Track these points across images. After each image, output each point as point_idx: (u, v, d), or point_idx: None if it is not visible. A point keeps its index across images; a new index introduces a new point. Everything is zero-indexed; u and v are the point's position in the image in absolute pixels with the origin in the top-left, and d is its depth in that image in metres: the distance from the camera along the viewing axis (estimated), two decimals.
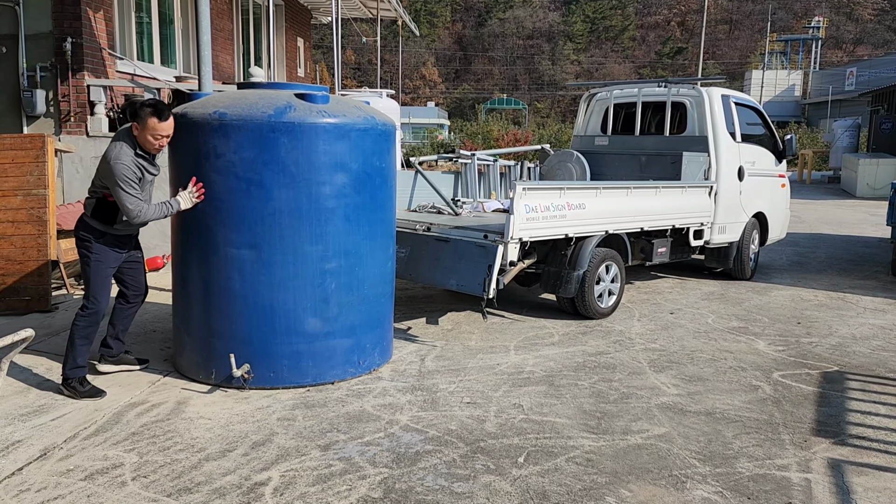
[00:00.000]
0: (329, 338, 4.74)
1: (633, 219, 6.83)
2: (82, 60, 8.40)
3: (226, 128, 4.37)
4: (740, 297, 7.73)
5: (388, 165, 4.96)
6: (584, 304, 6.49)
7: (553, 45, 77.21)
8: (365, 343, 4.95)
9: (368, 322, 4.94)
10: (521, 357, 5.51)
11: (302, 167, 4.43)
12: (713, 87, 8.35)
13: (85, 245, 4.52)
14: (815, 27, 63.71)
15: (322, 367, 4.75)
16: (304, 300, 4.58)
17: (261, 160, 4.38)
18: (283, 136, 4.38)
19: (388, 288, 5.19)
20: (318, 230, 4.54)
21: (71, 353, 4.53)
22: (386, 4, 17.35)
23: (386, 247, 5.09)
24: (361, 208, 4.72)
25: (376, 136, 4.77)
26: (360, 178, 4.68)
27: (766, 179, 8.72)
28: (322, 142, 4.47)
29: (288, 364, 4.65)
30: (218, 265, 4.55)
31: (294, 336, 4.61)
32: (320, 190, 4.51)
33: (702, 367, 5.37)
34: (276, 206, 4.43)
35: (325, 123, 4.47)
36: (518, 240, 5.71)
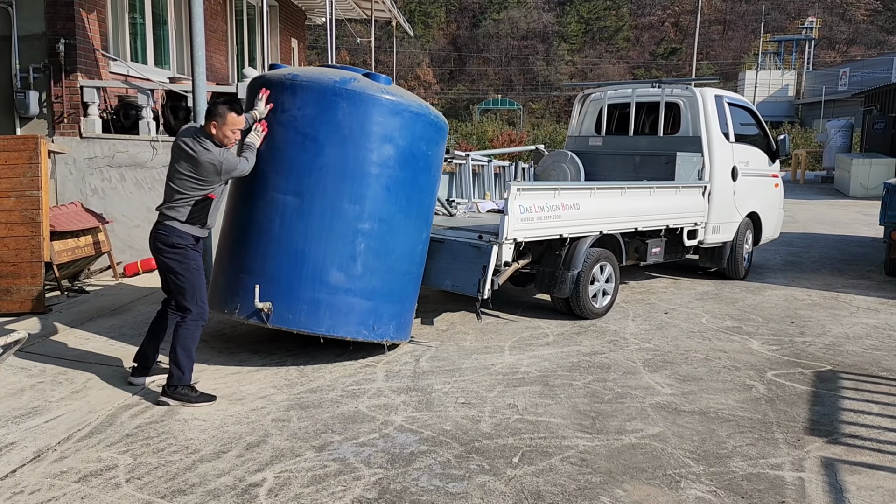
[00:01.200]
0: (349, 294, 4.93)
1: (628, 219, 6.85)
2: (75, 61, 8.38)
3: (295, 87, 4.85)
4: (734, 297, 7.75)
5: (435, 154, 5.26)
6: (579, 305, 6.50)
7: (547, 46, 77.22)
8: (382, 311, 5.09)
9: (390, 293, 5.11)
10: (516, 357, 5.52)
11: (354, 132, 4.81)
12: (706, 87, 8.38)
13: (180, 253, 4.47)
14: (809, 28, 63.89)
15: (337, 321, 4.93)
16: (332, 253, 4.85)
17: (319, 119, 4.80)
18: (343, 101, 4.79)
19: (415, 269, 5.34)
20: (358, 191, 4.86)
21: (188, 362, 4.48)
22: (380, 5, 17.35)
23: (419, 229, 5.27)
24: (402, 183, 5.02)
25: (427, 124, 5.10)
26: (405, 156, 4.99)
27: (759, 179, 8.75)
28: (376, 113, 4.85)
29: (307, 310, 4.86)
30: (264, 208, 4.89)
31: (318, 284, 4.85)
32: (367, 156, 4.86)
33: (696, 366, 5.38)
34: (324, 161, 4.81)
35: (381, 98, 4.87)
36: (513, 240, 5.72)
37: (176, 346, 4.49)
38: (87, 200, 8.40)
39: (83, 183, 8.54)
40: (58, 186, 8.53)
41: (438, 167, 5.42)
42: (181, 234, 4.47)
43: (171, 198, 4.49)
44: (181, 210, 4.46)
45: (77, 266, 7.71)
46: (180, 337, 4.51)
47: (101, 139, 8.57)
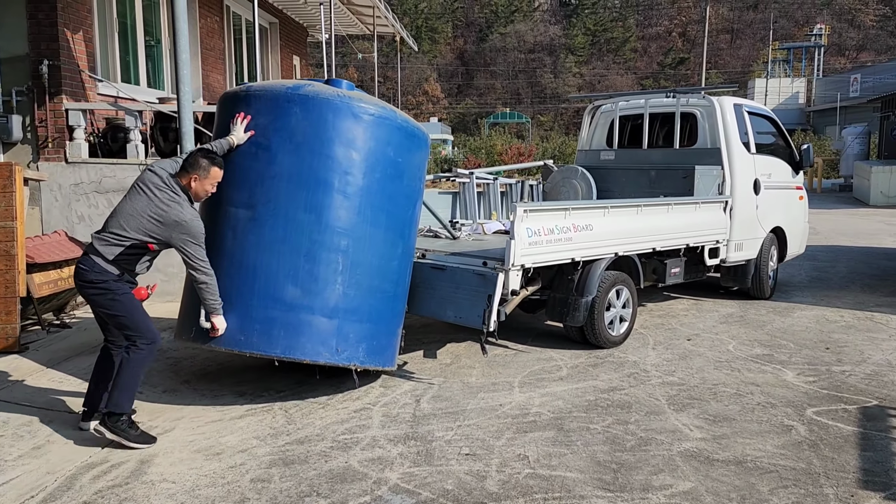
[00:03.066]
0: (307, 311, 4.52)
1: (645, 239, 6.35)
2: (60, 83, 8.01)
3: (249, 97, 4.66)
4: (761, 320, 7.21)
5: (407, 162, 4.88)
6: (594, 333, 6.00)
7: (555, 59, 77.00)
8: (348, 331, 4.61)
9: (356, 311, 4.64)
10: (527, 395, 5.01)
11: (309, 137, 4.51)
12: (723, 95, 7.89)
13: (105, 286, 4.12)
14: (818, 34, 63.33)
15: (293, 341, 4.49)
16: (287, 267, 4.49)
17: (272, 127, 4.54)
18: (295, 107, 4.53)
19: (389, 287, 4.85)
20: (315, 200, 4.51)
21: (128, 392, 4.18)
22: (382, 20, 17.00)
23: (392, 242, 4.82)
24: (366, 192, 4.65)
25: (393, 128, 4.75)
26: (368, 162, 4.65)
27: (782, 192, 8.23)
28: (332, 116, 4.54)
29: (260, 329, 4.47)
30: (217, 222, 4.60)
31: (271, 301, 4.48)
32: (324, 162, 4.53)
33: (726, 403, 4.86)
34: (277, 170, 4.51)
35: (337, 101, 4.56)
36: (520, 267, 5.24)
37: (123, 370, 4.16)
38: (74, 228, 7.99)
39: (69, 210, 8.13)
40: (43, 214, 8.13)
41: (414, 177, 5.00)
42: (100, 270, 4.09)
43: (107, 229, 4.15)
44: (111, 248, 4.10)
45: (62, 298, 7.27)
46: (130, 362, 4.17)
47: (88, 164, 8.17)
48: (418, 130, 5.02)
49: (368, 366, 4.78)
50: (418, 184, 5.10)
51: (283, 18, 15.95)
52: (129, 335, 4.19)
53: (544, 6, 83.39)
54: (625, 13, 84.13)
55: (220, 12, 12.52)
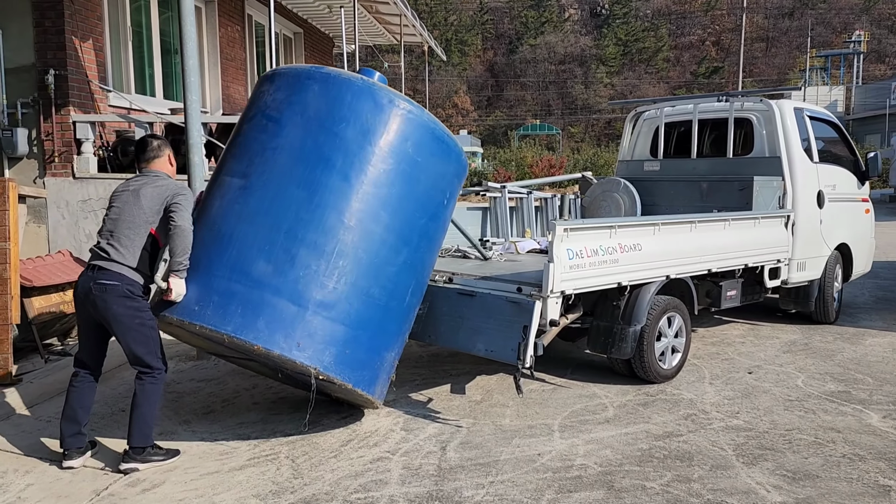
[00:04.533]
0: (272, 292, 3.94)
1: (699, 259, 5.65)
2: (67, 94, 7.60)
3: (275, 75, 4.50)
4: (829, 348, 6.44)
5: (428, 166, 4.40)
6: (643, 366, 5.31)
7: (585, 69, 76.22)
8: (316, 328, 3.95)
9: (332, 307, 4.00)
10: (569, 442, 4.34)
11: (321, 114, 4.21)
12: (783, 98, 7.16)
13: (135, 305, 3.97)
14: (857, 41, 61.73)
15: (249, 320, 3.89)
16: (263, 239, 4.02)
17: (287, 101, 4.30)
18: (315, 84, 4.29)
19: (379, 294, 4.16)
20: (312, 176, 4.09)
21: (151, 423, 4.07)
22: (410, 29, 16.50)
23: (391, 245, 4.21)
24: (370, 182, 4.16)
25: (417, 126, 4.33)
26: (380, 153, 4.21)
27: (848, 205, 7.46)
28: (351, 97, 4.23)
29: (217, 301, 3.95)
30: (210, 191, 4.37)
31: (237, 273, 3.98)
32: (330, 140, 4.17)
33: (805, 455, 4.13)
34: (281, 142, 4.21)
35: (359, 83, 4.26)
36: (560, 293, 4.58)
37: (142, 403, 4.02)
38: (82, 247, 7.53)
39: (77, 228, 7.70)
40: (49, 233, 7.71)
41: (435, 186, 4.47)
42: (132, 282, 3.97)
43: (115, 236, 4.03)
44: (129, 253, 3.99)
45: (66, 323, 6.79)
46: (149, 393, 4.02)
47: (97, 179, 7.74)
48: (449, 139, 4.52)
49: (334, 376, 3.97)
50: (439, 196, 4.49)
51: (308, 28, 15.55)
52: (146, 362, 4.01)
53: (575, 17, 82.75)
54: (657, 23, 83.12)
55: (241, 21, 12.12)
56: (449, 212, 4.67)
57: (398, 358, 4.50)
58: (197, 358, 6.22)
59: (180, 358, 6.24)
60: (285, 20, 14.16)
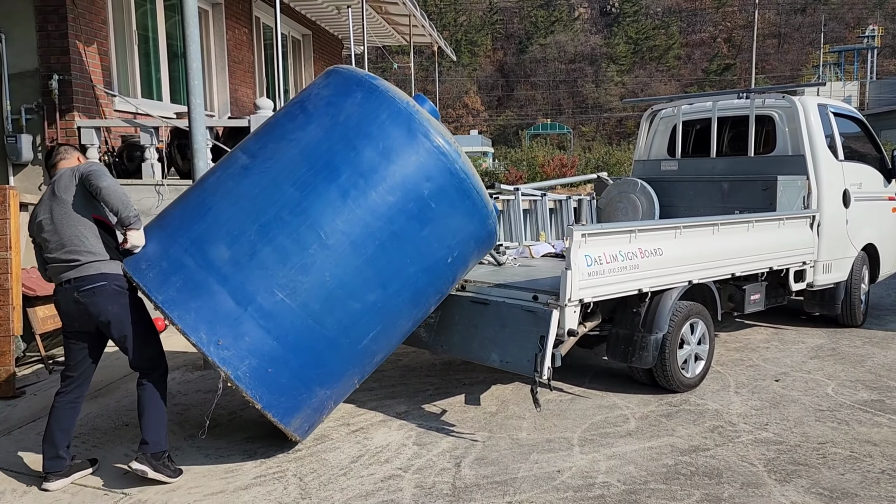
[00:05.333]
0: (219, 280, 3.69)
1: (722, 263, 5.43)
2: (72, 99, 7.47)
3: (332, 72, 4.35)
4: (859, 354, 6.19)
5: (441, 216, 4.06)
6: (665, 375, 5.09)
7: (596, 68, 75.85)
8: (245, 332, 3.64)
9: (269, 317, 3.68)
10: (589, 458, 4.14)
11: (350, 122, 4.00)
12: (805, 95, 6.92)
13: (129, 301, 3.81)
14: (870, 36, 61.05)
15: (183, 298, 3.65)
16: (237, 225, 3.81)
17: (328, 100, 4.13)
18: (359, 91, 4.10)
19: (330, 325, 3.81)
20: (309, 180, 3.86)
21: (163, 425, 3.92)
22: (419, 29, 16.32)
23: (365, 280, 3.88)
24: (367, 207, 3.88)
25: (443, 169, 4.04)
26: (389, 182, 3.93)
27: (874, 204, 7.20)
28: (386, 116, 4.01)
29: (163, 268, 3.74)
30: (220, 161, 4.30)
31: (195, 248, 3.78)
32: (345, 152, 3.93)
33: (841, 471, 3.91)
34: (300, 135, 4.03)
35: (402, 105, 4.05)
36: (578, 302, 4.37)
37: (149, 406, 3.87)
38: None
39: None
40: None
41: (442, 241, 4.09)
42: (116, 274, 3.79)
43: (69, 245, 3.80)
44: (98, 239, 3.82)
45: None
46: (151, 394, 3.87)
47: None
48: (479, 197, 4.16)
49: (245, 389, 3.64)
50: (444, 251, 4.12)
51: (317, 30, 15.42)
52: (148, 359, 3.89)
53: (585, 16, 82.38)
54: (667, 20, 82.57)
55: (248, 24, 11.99)
56: (453, 271, 4.31)
57: (336, 401, 4.17)
58: (204, 368, 6.06)
59: (187, 368, 6.09)
60: (294, 22, 14.03)
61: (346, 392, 4.24)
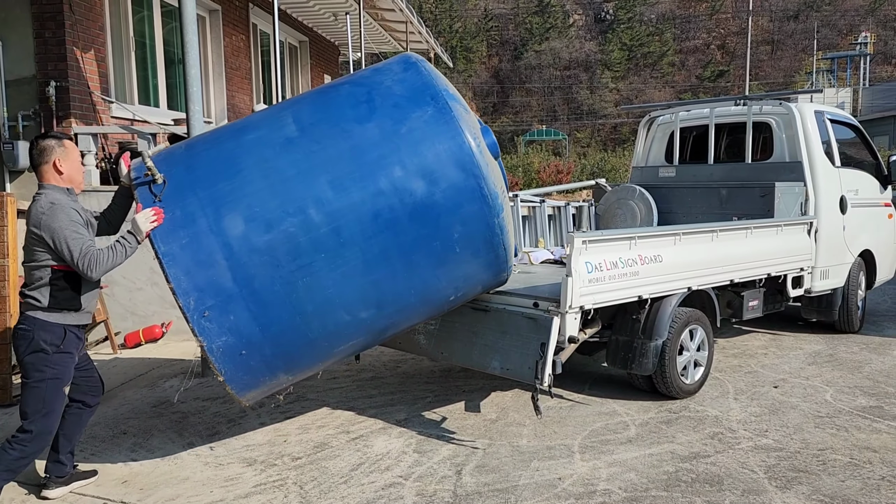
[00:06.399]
0: (222, 250, 3.55)
1: (721, 269, 5.44)
2: (69, 106, 7.45)
3: (411, 69, 4.04)
4: (856, 360, 6.21)
5: (461, 253, 3.89)
6: (665, 382, 5.09)
7: (591, 75, 76.03)
8: (231, 310, 3.54)
9: (262, 306, 3.58)
10: (590, 465, 4.13)
11: (409, 139, 3.76)
12: (801, 102, 6.96)
13: (39, 357, 3.56)
14: (863, 43, 61.42)
15: (183, 260, 3.51)
16: (260, 201, 3.62)
17: (396, 103, 3.87)
18: (432, 107, 3.84)
19: (316, 328, 3.74)
20: (345, 182, 3.67)
21: None
22: (416, 36, 16.37)
23: (362, 296, 3.76)
24: (393, 231, 3.71)
25: (480, 217, 3.82)
26: (423, 214, 3.74)
27: (871, 210, 7.24)
28: (446, 144, 3.77)
29: (175, 216, 3.56)
30: (262, 115, 4.14)
31: (211, 207, 3.58)
32: (391, 168, 3.71)
33: (841, 477, 3.91)
34: (354, 130, 3.78)
35: (464, 137, 3.78)
36: (578, 308, 4.38)
37: None
38: None
39: None
40: None
41: (449, 271, 3.95)
42: (42, 328, 3.56)
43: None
44: (37, 290, 3.59)
45: None
46: (3, 459, 3.57)
47: (99, 192, 7.54)
48: (504, 253, 4.02)
49: (214, 363, 3.58)
50: (449, 289, 4.04)
51: (314, 37, 15.43)
52: (27, 420, 3.65)
53: (579, 22, 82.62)
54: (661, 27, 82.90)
55: (246, 31, 11.99)
56: (449, 305, 4.25)
57: (293, 383, 4.09)
58: (202, 375, 6.04)
59: (185, 376, 6.06)
60: (291, 29, 14.05)
61: (301, 377, 4.11)
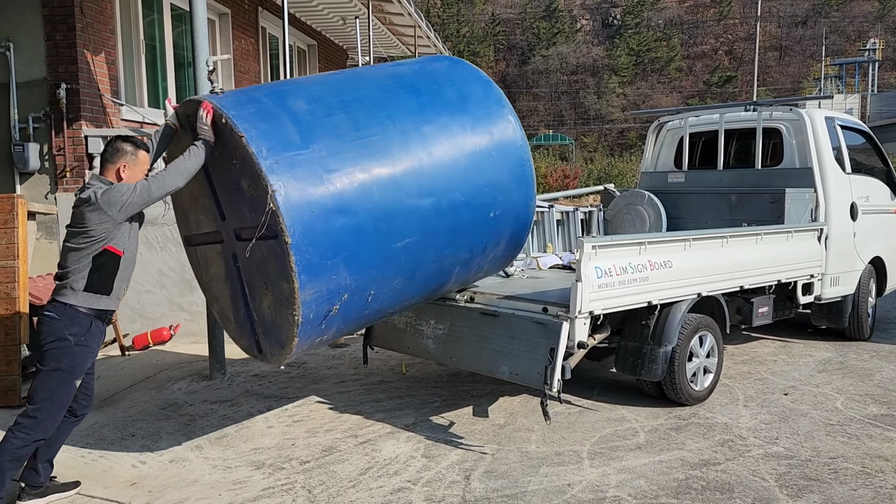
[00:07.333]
0: (290, 118, 3.79)
1: (731, 275, 5.41)
2: (79, 108, 7.47)
3: (464, 65, 4.81)
4: (867, 367, 6.17)
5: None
6: (674, 388, 5.07)
7: (598, 80, 75.99)
8: (300, 163, 3.64)
9: (328, 169, 3.71)
10: (600, 471, 4.11)
11: (443, 92, 4.39)
12: (812, 108, 6.93)
13: (60, 346, 3.58)
14: (871, 49, 61.24)
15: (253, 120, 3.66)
16: (318, 93, 4.06)
17: (439, 76, 4.53)
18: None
19: (375, 219, 3.84)
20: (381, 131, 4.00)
21: None
22: (424, 40, 16.39)
23: (431, 192, 4.09)
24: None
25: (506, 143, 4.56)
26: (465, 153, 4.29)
27: (881, 217, 7.20)
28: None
29: (234, 99, 3.82)
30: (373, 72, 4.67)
31: (272, 95, 3.94)
32: (422, 118, 4.20)
33: (853, 486, 3.88)
34: (395, 95, 4.25)
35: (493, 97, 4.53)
36: (588, 314, 4.36)
37: None
38: None
39: None
40: (60, 249, 7.56)
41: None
42: (72, 315, 3.59)
43: None
44: (75, 278, 3.60)
45: None
46: (4, 449, 3.57)
47: None
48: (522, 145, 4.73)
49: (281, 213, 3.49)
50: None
51: (322, 41, 15.47)
52: (34, 405, 3.63)
53: (587, 27, 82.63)
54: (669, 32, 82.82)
55: (255, 34, 12.02)
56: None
57: (346, 309, 3.89)
58: (210, 378, 6.05)
59: (193, 378, 6.07)
60: (299, 32, 14.08)
61: (358, 308, 3.99)
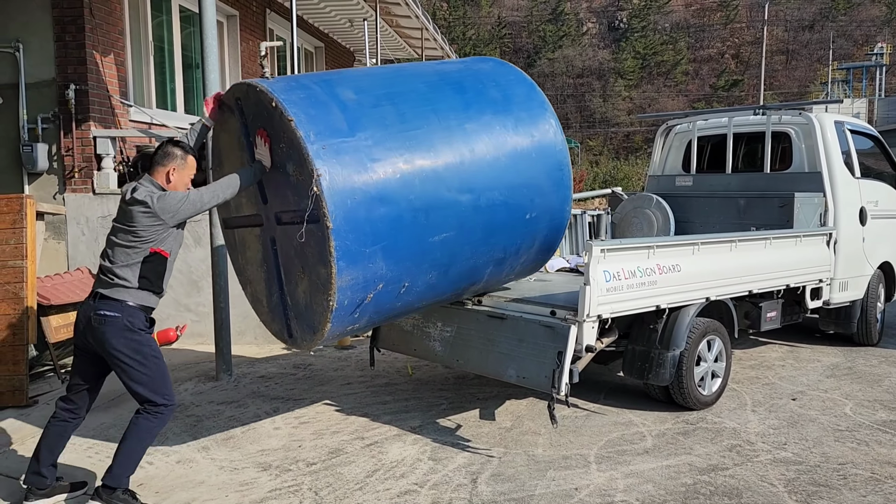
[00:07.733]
0: (338, 105, 3.84)
1: (740, 280, 5.39)
2: (88, 109, 7.49)
3: (510, 70, 4.79)
4: (875, 373, 6.14)
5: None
6: (682, 393, 5.05)
7: (604, 83, 76.00)
8: (345, 151, 3.68)
9: (374, 159, 3.78)
10: (607, 475, 4.10)
11: (487, 91, 4.42)
12: (821, 112, 6.91)
13: (134, 337, 3.62)
14: (879, 53, 61.05)
15: (302, 105, 3.72)
16: (366, 84, 4.13)
17: (484, 76, 4.55)
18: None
19: (416, 208, 3.86)
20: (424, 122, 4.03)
21: (132, 465, 3.67)
22: (431, 42, 16.39)
23: (472, 188, 4.09)
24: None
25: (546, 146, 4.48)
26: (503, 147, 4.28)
27: (891, 222, 7.16)
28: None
29: (285, 85, 3.89)
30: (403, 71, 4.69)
31: (321, 83, 3.99)
32: (466, 116, 4.20)
33: (863, 493, 3.85)
34: (441, 91, 4.28)
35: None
36: (596, 317, 4.34)
37: (131, 439, 3.64)
38: None
39: (97, 245, 7.55)
40: (69, 249, 7.58)
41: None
42: (132, 312, 3.62)
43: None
44: (126, 272, 3.62)
45: None
46: (143, 430, 3.65)
47: (117, 195, 7.59)
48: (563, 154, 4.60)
49: (324, 196, 3.51)
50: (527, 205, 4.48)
51: (329, 43, 15.49)
52: (147, 398, 3.65)
53: (593, 30, 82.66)
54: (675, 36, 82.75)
55: (262, 36, 12.04)
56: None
57: (379, 298, 3.89)
58: (216, 379, 6.05)
59: (199, 379, 6.08)
60: (307, 34, 14.10)
61: (391, 299, 3.99)
